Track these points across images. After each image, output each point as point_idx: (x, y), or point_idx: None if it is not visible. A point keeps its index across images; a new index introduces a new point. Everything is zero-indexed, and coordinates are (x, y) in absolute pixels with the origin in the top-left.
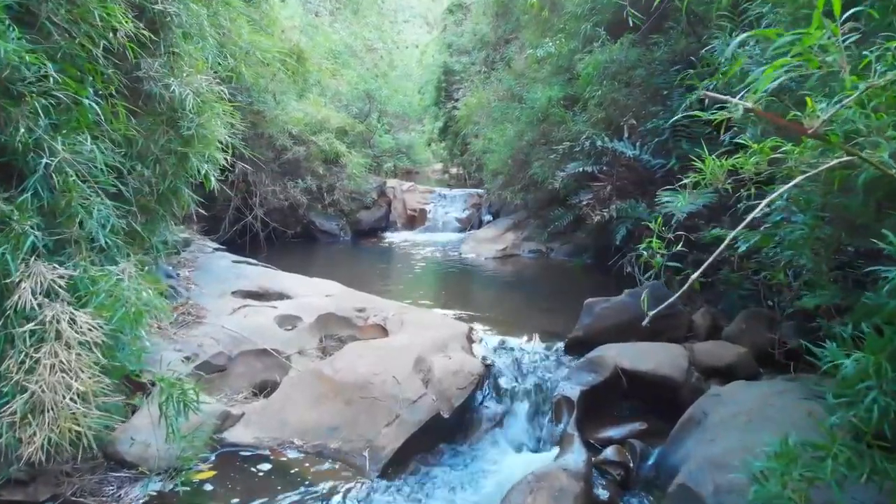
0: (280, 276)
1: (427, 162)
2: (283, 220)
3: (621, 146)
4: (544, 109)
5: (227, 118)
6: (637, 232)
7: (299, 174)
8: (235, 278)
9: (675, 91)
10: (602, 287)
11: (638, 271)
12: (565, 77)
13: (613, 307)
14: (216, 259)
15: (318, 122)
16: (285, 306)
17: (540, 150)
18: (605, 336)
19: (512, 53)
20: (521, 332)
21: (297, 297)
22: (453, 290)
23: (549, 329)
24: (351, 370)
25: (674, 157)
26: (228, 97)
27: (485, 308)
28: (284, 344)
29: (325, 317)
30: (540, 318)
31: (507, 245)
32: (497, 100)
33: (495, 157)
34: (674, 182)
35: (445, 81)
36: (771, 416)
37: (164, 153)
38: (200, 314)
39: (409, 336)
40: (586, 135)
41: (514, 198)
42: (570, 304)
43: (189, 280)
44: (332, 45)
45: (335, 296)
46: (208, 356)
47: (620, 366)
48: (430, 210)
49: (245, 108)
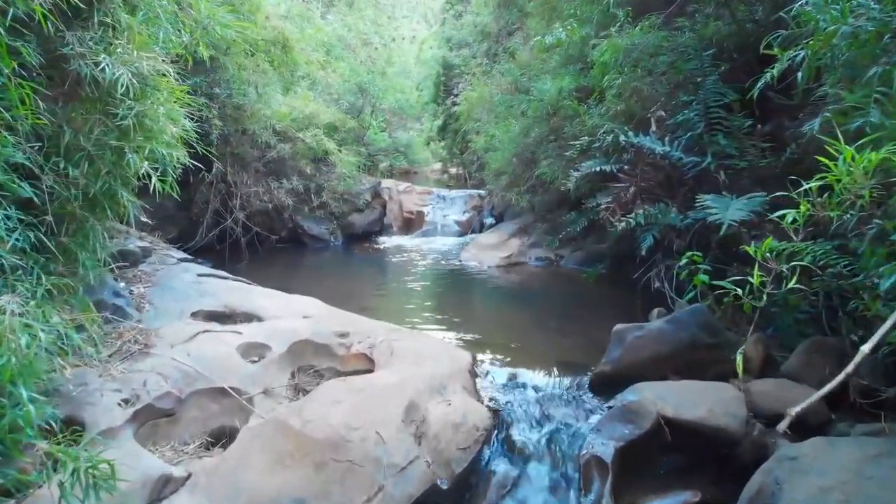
0: (252, 292)
1: (426, 161)
2: (269, 224)
3: (648, 142)
4: (554, 102)
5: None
6: (666, 241)
7: (285, 174)
8: (199, 296)
9: (708, 78)
10: (624, 304)
11: (668, 287)
12: (577, 67)
13: (649, 337)
14: (179, 272)
15: (306, 118)
16: (253, 331)
17: (548, 147)
18: (638, 371)
19: (516, 45)
20: (535, 363)
21: (270, 318)
22: (453, 305)
23: (568, 358)
24: (323, 421)
25: (709, 154)
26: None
27: (490, 329)
28: (248, 380)
29: (299, 345)
30: (555, 343)
31: (511, 252)
32: (500, 93)
33: (498, 156)
34: (707, 183)
35: (445, 76)
36: (874, 496)
37: (98, 148)
38: (150, 342)
39: (398, 371)
40: (604, 129)
41: (520, 200)
42: (589, 325)
43: (143, 299)
44: (324, 37)
45: (314, 317)
46: (153, 397)
47: (663, 413)
48: (429, 212)
49: (224, 101)
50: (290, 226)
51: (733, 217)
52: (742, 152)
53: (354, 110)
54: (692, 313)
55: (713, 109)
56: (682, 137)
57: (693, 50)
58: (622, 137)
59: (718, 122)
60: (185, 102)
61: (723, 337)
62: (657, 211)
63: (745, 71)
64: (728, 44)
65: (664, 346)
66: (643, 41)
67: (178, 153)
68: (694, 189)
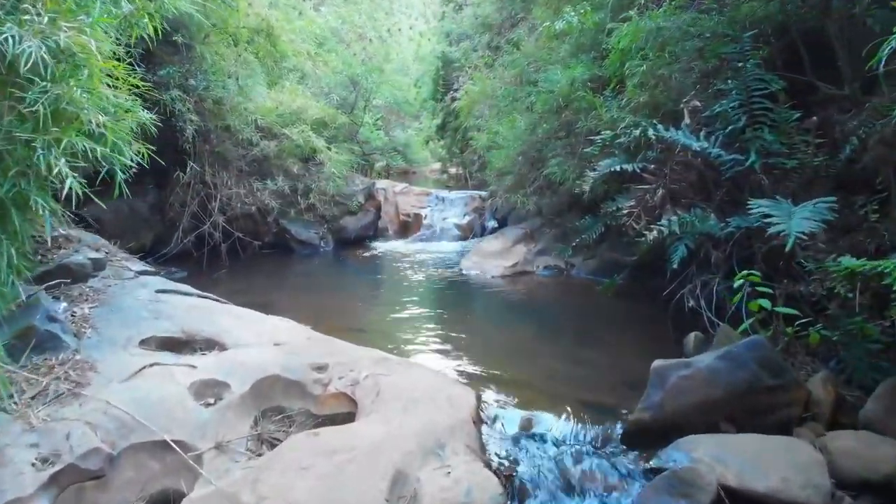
0: (218, 312)
1: (424, 161)
2: (252, 229)
3: (683, 137)
4: (566, 94)
5: (128, 92)
6: (702, 252)
7: (270, 174)
8: (153, 318)
9: (749, 63)
10: (651, 324)
11: (705, 306)
12: (590, 56)
13: (699, 377)
14: (134, 288)
15: (294, 113)
16: (211, 365)
17: (557, 144)
18: (684, 420)
19: (520, 35)
20: (552, 403)
21: (234, 346)
22: (452, 324)
23: (592, 396)
24: (282, 500)
25: (753, 151)
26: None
27: (496, 356)
28: (198, 431)
29: (266, 382)
30: (574, 375)
31: (517, 260)
32: (504, 87)
33: (502, 154)
34: (747, 184)
35: (444, 72)
36: None
37: (6, 142)
38: (84, 379)
39: (385, 421)
40: (625, 123)
41: (525, 202)
42: (613, 351)
43: (85, 322)
44: (316, 28)
45: (287, 345)
46: (77, 455)
47: (724, 483)
48: (427, 215)
49: (202, 94)
50: (274, 230)
51: (801, 228)
52: (791, 149)
53: (347, 106)
54: (750, 348)
55: (756, 99)
56: (719, 132)
57: (731, 31)
58: (650, 132)
59: (763, 113)
60: (133, 87)
61: (787, 376)
62: (694, 217)
63: (785, 56)
64: (765, 26)
65: (717, 389)
66: (669, 24)
67: (126, 149)
68: (731, 192)
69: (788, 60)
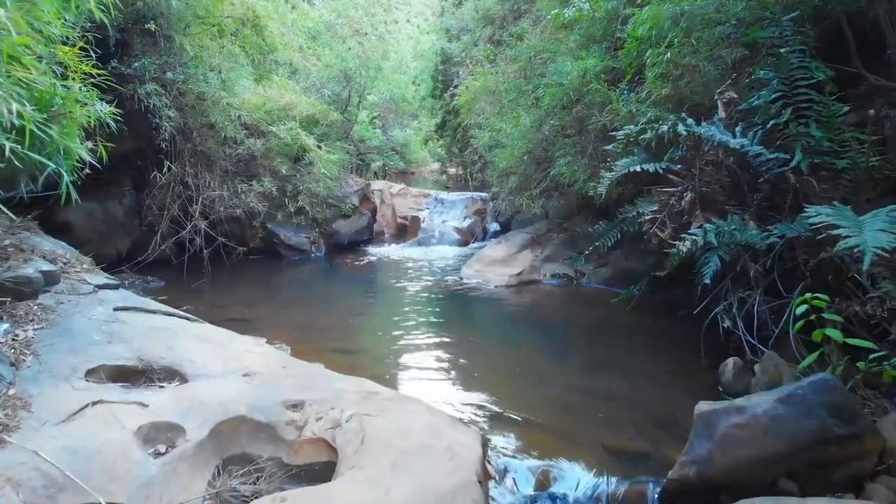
0: (183, 334)
1: (423, 161)
2: (239, 233)
3: (719, 133)
4: (577, 87)
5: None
6: (738, 265)
7: (256, 174)
8: (106, 342)
9: (792, 50)
10: (677, 344)
11: (743, 327)
12: (602, 47)
13: (756, 426)
14: (90, 305)
15: (282, 109)
16: (165, 403)
17: (566, 142)
18: (738, 478)
19: (525, 28)
20: (572, 449)
21: (197, 377)
22: (452, 345)
23: (619, 440)
24: None
25: (798, 149)
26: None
27: (502, 385)
28: (142, 490)
29: (229, 425)
30: (596, 412)
31: (523, 268)
32: (507, 81)
33: (506, 153)
34: (793, 188)
35: (443, 68)
36: None
37: None
38: (14, 421)
39: (370, 483)
40: (647, 118)
41: (531, 206)
42: (638, 378)
43: (27, 348)
44: (309, 21)
45: (258, 375)
46: None
47: None
48: (425, 218)
49: (182, 89)
50: (262, 235)
51: (878, 243)
52: (841, 147)
53: (340, 102)
54: (818, 390)
55: (801, 90)
56: (758, 128)
57: (770, 14)
58: (680, 127)
59: (808, 106)
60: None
61: (861, 424)
62: (732, 226)
63: (824, 43)
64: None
65: (778, 440)
66: (694, 7)
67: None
68: (770, 196)
69: (828, 48)
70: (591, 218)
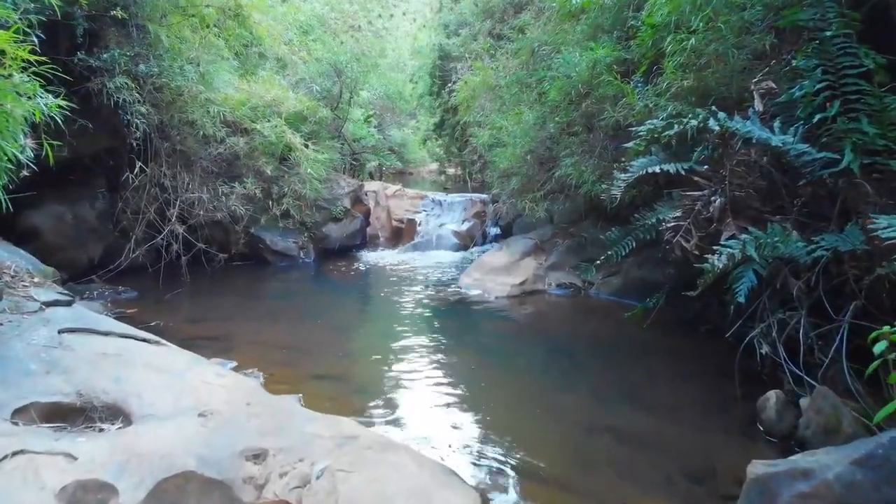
0: (135, 361)
1: (421, 161)
2: (221, 238)
3: (756, 129)
4: (587, 80)
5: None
6: (778, 282)
7: (239, 175)
8: (44, 372)
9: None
10: (698, 367)
11: (784, 354)
12: (612, 37)
13: (826, 495)
14: (32, 327)
15: (267, 105)
16: (100, 453)
17: (572, 140)
18: None
19: (527, 20)
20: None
21: (144, 417)
22: (448, 369)
23: (648, 500)
24: None
25: (848, 147)
26: None
27: (505, 420)
28: None
29: (173, 483)
30: (612, 457)
31: (526, 277)
32: (508, 75)
33: (507, 153)
34: (840, 192)
35: (442, 62)
36: None
37: None
38: None
39: None
40: (668, 112)
41: (535, 209)
42: (664, 415)
43: None
44: (300, 14)
45: (216, 415)
46: None
47: None
48: (421, 221)
49: (157, 83)
50: (245, 240)
51: None
52: None
53: (331, 98)
54: None
55: (849, 80)
56: (799, 123)
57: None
58: (712, 122)
59: (858, 98)
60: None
61: None
62: (774, 236)
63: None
64: None
65: None
66: None
67: None
68: (810, 202)
69: (867, 33)
70: (600, 223)
